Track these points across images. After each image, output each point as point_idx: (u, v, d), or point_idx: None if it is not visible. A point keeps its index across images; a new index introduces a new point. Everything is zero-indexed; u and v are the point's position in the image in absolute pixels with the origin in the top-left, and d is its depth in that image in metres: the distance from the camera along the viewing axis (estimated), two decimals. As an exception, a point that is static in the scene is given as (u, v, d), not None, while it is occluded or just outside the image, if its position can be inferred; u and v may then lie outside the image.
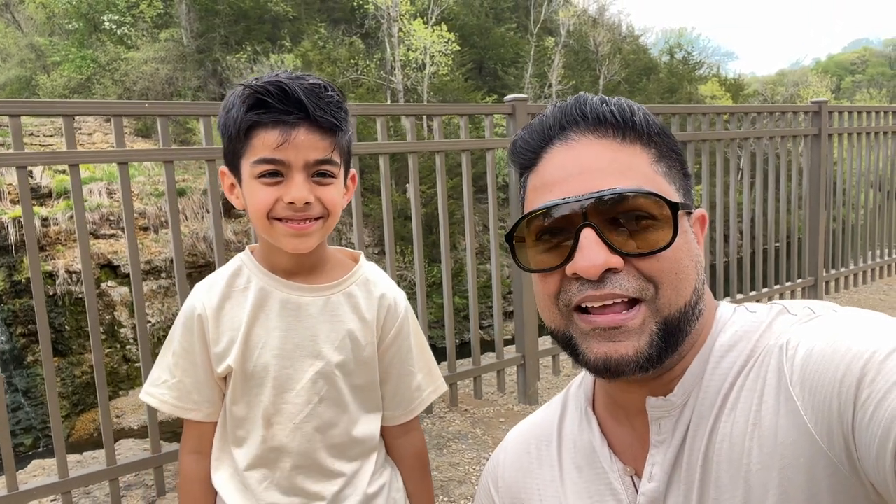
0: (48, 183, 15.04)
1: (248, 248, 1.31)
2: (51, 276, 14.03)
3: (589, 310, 0.74)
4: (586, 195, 0.73)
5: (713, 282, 4.79)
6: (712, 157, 4.72)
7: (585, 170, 0.75)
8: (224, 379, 1.27)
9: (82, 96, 21.23)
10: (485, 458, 3.11)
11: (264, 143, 1.12)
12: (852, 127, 5.79)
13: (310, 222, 1.15)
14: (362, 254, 1.36)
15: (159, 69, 23.21)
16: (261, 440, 1.24)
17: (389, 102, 23.81)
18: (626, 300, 0.72)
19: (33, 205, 2.54)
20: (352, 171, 1.27)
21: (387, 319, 1.30)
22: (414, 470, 1.39)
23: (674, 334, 0.73)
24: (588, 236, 0.71)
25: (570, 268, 0.73)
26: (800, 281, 5.45)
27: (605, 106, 0.78)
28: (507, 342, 3.93)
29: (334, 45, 25.92)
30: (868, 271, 6.18)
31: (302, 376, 1.23)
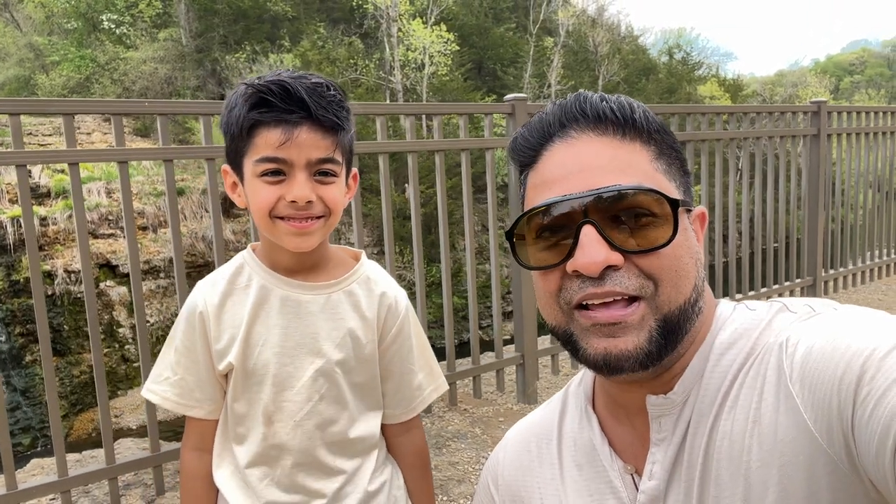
0: (47, 182, 15.04)
1: (249, 246, 1.31)
2: (49, 275, 14.02)
3: (589, 307, 0.73)
4: (586, 192, 0.73)
5: (712, 282, 4.79)
6: (711, 158, 4.72)
7: (585, 167, 0.75)
8: (225, 376, 1.27)
9: (81, 96, 21.19)
10: (484, 457, 3.11)
11: (267, 141, 1.12)
12: (851, 127, 5.80)
13: (312, 221, 1.16)
14: (363, 252, 1.37)
15: (158, 69, 23.20)
16: (261, 437, 1.24)
17: (389, 102, 23.79)
18: (626, 297, 0.72)
19: (32, 204, 2.53)
20: (353, 171, 1.27)
21: (387, 318, 1.30)
22: (415, 468, 1.39)
23: (673, 332, 0.73)
24: (588, 233, 0.71)
25: (570, 265, 0.73)
26: (798, 281, 5.46)
27: (604, 103, 0.77)
28: (507, 342, 3.93)
29: (333, 44, 25.90)
30: (867, 271, 6.19)
31: (302, 374, 1.23)
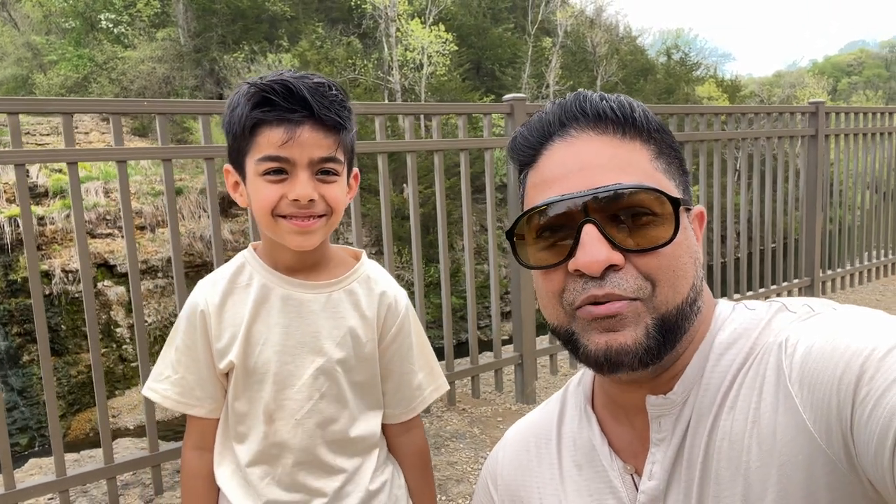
0: (44, 182, 15.00)
1: (251, 245, 1.32)
2: (47, 275, 13.98)
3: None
4: (587, 191, 0.72)
5: (710, 282, 4.80)
6: (709, 158, 4.72)
7: (585, 166, 0.74)
8: (226, 375, 1.27)
9: (79, 95, 21.11)
10: (482, 456, 3.11)
11: (269, 140, 1.12)
12: (849, 128, 5.81)
13: (314, 219, 1.16)
14: (364, 252, 1.37)
15: (156, 68, 23.15)
16: (262, 436, 1.24)
17: (387, 102, 23.78)
18: (624, 299, 0.72)
19: (29, 204, 2.52)
20: (355, 170, 1.28)
21: (387, 317, 1.30)
22: (416, 468, 1.39)
23: (671, 330, 0.73)
24: (589, 232, 0.71)
25: (572, 264, 0.72)
26: (796, 281, 5.47)
27: (604, 102, 0.77)
28: (505, 342, 3.93)
29: (332, 44, 25.88)
30: (864, 272, 6.20)
31: (303, 372, 1.24)
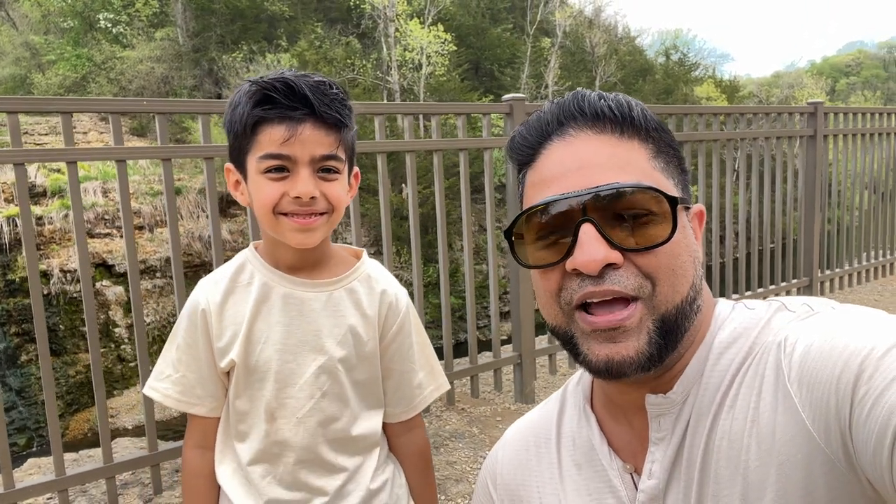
0: (43, 182, 14.98)
1: (252, 244, 1.32)
2: (45, 275, 13.96)
3: (590, 308, 0.73)
4: (585, 190, 0.72)
5: (709, 282, 4.80)
6: (708, 158, 4.73)
7: (584, 165, 0.74)
8: (227, 374, 1.27)
9: (78, 95, 21.10)
10: (482, 456, 3.11)
11: (270, 138, 1.13)
12: (847, 128, 5.82)
13: (315, 217, 1.17)
14: (364, 251, 1.37)
15: (155, 68, 23.11)
16: (264, 434, 1.25)
17: (386, 102, 23.77)
18: (624, 297, 0.72)
19: (29, 203, 2.52)
20: (355, 169, 1.28)
21: (388, 316, 1.31)
22: (416, 467, 1.39)
23: (672, 331, 0.73)
24: (588, 231, 0.71)
25: (569, 263, 0.72)
26: (795, 281, 5.48)
27: (603, 101, 0.77)
28: (504, 342, 3.93)
29: (331, 44, 25.86)
30: (863, 272, 6.21)
31: (305, 371, 1.24)
